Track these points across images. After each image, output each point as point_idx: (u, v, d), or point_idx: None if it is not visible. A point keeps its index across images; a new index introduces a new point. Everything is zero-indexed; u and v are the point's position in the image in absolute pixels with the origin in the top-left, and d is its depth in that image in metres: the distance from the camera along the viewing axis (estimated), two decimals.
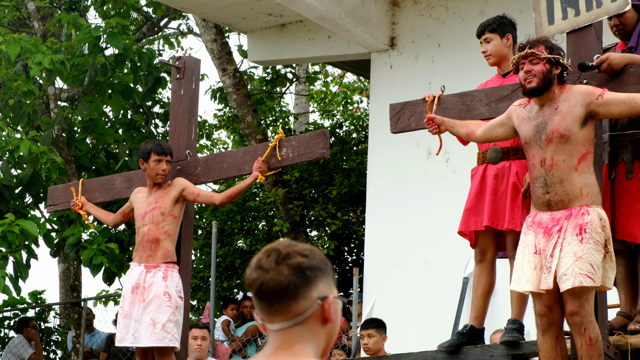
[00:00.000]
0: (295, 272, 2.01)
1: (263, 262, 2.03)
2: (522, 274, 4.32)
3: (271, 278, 2.00)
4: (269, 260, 2.02)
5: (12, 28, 10.66)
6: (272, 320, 2.02)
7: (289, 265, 2.01)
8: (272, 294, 2.00)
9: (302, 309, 2.00)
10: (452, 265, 7.32)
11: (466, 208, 5.00)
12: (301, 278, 2.01)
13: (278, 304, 2.00)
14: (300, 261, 2.02)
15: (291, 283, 2.00)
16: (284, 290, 2.00)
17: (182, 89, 5.88)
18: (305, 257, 2.02)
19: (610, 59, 4.49)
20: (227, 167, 5.62)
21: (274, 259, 2.02)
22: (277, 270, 2.01)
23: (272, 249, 2.04)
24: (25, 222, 8.21)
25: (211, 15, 9.11)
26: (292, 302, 2.00)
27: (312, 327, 2.02)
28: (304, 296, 2.01)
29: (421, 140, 7.63)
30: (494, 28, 5.04)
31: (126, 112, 10.46)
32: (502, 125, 4.58)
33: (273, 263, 2.01)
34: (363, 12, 8.04)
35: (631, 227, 4.59)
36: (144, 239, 5.43)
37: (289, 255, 2.02)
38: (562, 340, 4.35)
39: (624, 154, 4.69)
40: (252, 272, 2.03)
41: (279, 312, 2.01)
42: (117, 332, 5.48)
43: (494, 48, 5.04)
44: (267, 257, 2.03)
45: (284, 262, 2.01)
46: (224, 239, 11.03)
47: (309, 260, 2.03)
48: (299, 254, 2.03)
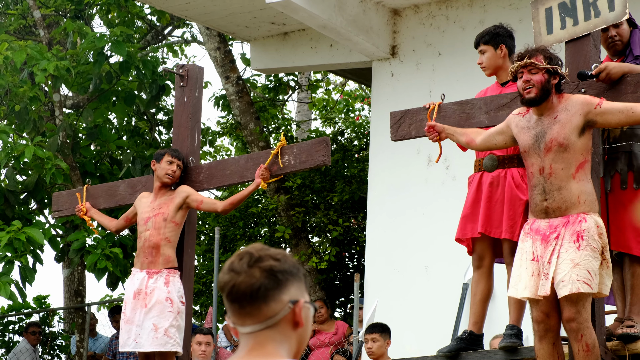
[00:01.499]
0: (267, 275, 2.01)
1: (235, 265, 2.02)
2: (520, 280, 4.35)
3: (242, 280, 2.00)
4: (241, 263, 2.02)
5: (18, 36, 10.73)
6: (244, 322, 2.01)
7: (260, 268, 2.01)
8: (243, 297, 2.00)
9: (273, 312, 2.01)
10: (452, 271, 7.35)
11: (463, 215, 5.05)
12: (272, 281, 2.01)
13: (249, 306, 2.00)
14: (272, 264, 2.02)
15: (262, 286, 2.00)
16: (255, 292, 2.00)
17: (186, 96, 5.91)
18: (277, 261, 2.02)
19: (609, 68, 4.53)
20: (230, 174, 5.64)
21: (246, 261, 2.02)
22: (248, 273, 2.00)
23: (245, 252, 2.04)
24: (31, 230, 8.27)
25: (215, 24, 9.17)
26: (263, 304, 2.00)
27: (283, 330, 2.02)
28: (275, 299, 2.01)
29: (421, 147, 7.67)
30: (487, 40, 5.09)
31: (130, 119, 10.52)
32: (501, 133, 4.61)
33: (245, 266, 2.01)
34: (365, 21, 8.10)
35: (625, 239, 4.62)
36: (145, 244, 5.48)
37: (261, 258, 2.02)
38: (559, 346, 4.38)
39: (618, 165, 4.73)
40: (224, 274, 2.03)
41: (250, 314, 2.01)
42: (120, 338, 5.52)
43: (488, 60, 5.08)
44: (240, 260, 2.03)
45: (256, 265, 2.01)
46: (227, 245, 11.07)
47: (281, 264, 2.03)
48: (271, 257, 2.03)
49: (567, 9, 4.74)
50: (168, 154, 5.59)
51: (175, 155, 5.59)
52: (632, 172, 4.71)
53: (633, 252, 4.66)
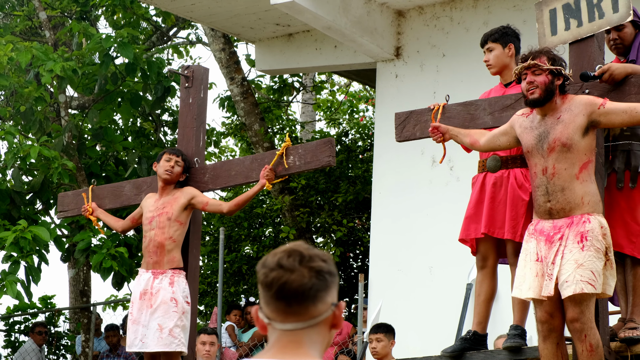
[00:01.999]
0: (317, 275, 1.99)
1: (284, 261, 1.99)
2: (524, 280, 4.36)
3: (295, 279, 1.98)
4: (290, 261, 1.99)
5: (24, 37, 10.76)
6: (285, 320, 1.99)
7: (311, 268, 1.99)
8: (294, 295, 1.98)
9: (318, 313, 1.99)
10: (456, 272, 7.37)
11: (466, 216, 5.06)
12: (322, 282, 2.00)
13: (297, 305, 1.98)
14: (321, 265, 2.00)
15: (314, 286, 1.98)
16: (307, 292, 1.98)
17: (191, 97, 5.92)
18: (324, 262, 2.02)
19: (612, 69, 4.54)
20: (235, 175, 5.64)
21: (296, 259, 1.99)
22: (300, 272, 1.98)
23: (292, 250, 2.01)
24: (37, 229, 8.29)
25: (220, 25, 9.20)
26: (311, 304, 1.99)
27: (321, 331, 2.01)
28: (322, 300, 2.00)
29: (426, 148, 7.69)
30: (497, 38, 5.09)
31: (136, 120, 10.55)
32: (505, 134, 4.63)
33: (296, 264, 1.99)
34: (369, 22, 8.12)
35: (617, 237, 4.62)
36: (150, 244, 5.49)
37: (311, 258, 2.00)
38: (563, 346, 4.39)
39: (615, 164, 4.74)
40: (270, 270, 1.99)
41: (295, 313, 1.99)
42: (127, 338, 5.54)
43: (496, 58, 5.08)
44: (289, 257, 2.00)
45: (307, 264, 1.99)
46: (231, 245, 11.09)
47: (327, 265, 2.02)
48: (320, 258, 2.02)
49: (571, 10, 4.75)
50: (166, 152, 5.64)
51: (173, 152, 5.62)
52: (629, 170, 4.72)
53: (624, 250, 4.67)
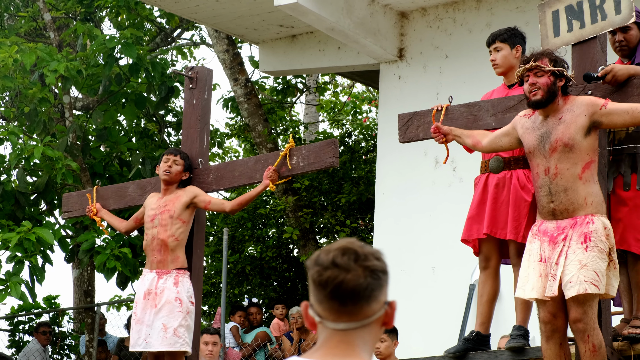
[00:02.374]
0: (372, 274, 1.95)
1: (339, 260, 1.94)
2: (527, 281, 4.37)
3: (351, 278, 1.93)
4: (345, 259, 1.94)
5: (28, 38, 10.79)
6: (338, 319, 1.95)
7: (367, 267, 1.95)
8: (349, 295, 1.93)
9: (372, 312, 1.96)
10: (459, 272, 7.38)
11: (469, 216, 5.07)
12: (376, 281, 1.96)
13: (351, 304, 1.94)
14: (375, 264, 1.96)
15: (369, 286, 1.94)
16: (362, 292, 1.94)
17: (195, 98, 5.92)
18: (378, 260, 1.98)
19: (615, 70, 4.55)
20: (239, 175, 5.64)
21: (351, 258, 1.94)
22: (356, 271, 1.93)
23: (347, 248, 1.96)
24: (41, 230, 8.31)
25: (223, 27, 9.23)
26: (365, 304, 1.94)
27: (373, 330, 1.98)
28: (376, 300, 1.96)
29: (429, 149, 7.71)
30: (505, 38, 5.10)
31: (140, 121, 10.57)
32: (507, 135, 4.64)
33: (351, 263, 1.94)
34: (372, 23, 8.14)
35: (625, 236, 4.65)
36: (153, 242, 5.50)
37: (366, 256, 1.96)
38: (566, 347, 4.39)
39: (622, 167, 4.76)
40: (324, 269, 1.94)
41: (349, 312, 1.94)
42: (131, 338, 5.53)
43: (503, 58, 5.10)
44: (343, 255, 1.95)
45: (362, 263, 1.95)
46: (235, 246, 11.12)
47: (381, 263, 1.98)
48: (374, 256, 1.97)
49: (574, 11, 4.75)
50: (164, 154, 5.67)
51: (170, 152, 5.64)
52: (636, 174, 4.74)
53: (631, 249, 4.68)
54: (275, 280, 11.39)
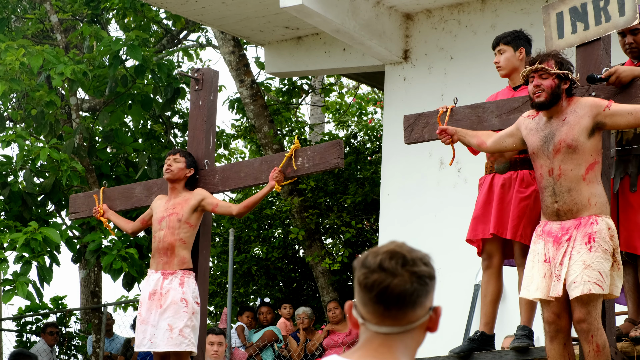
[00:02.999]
0: (419, 280, 1.93)
1: (386, 264, 1.92)
2: (532, 281, 4.38)
3: (397, 284, 1.91)
4: (392, 263, 1.93)
5: (35, 40, 10.84)
6: (382, 323, 1.93)
7: (414, 272, 1.93)
8: (395, 300, 1.92)
9: (416, 318, 1.94)
10: (464, 273, 7.40)
11: (474, 216, 5.09)
12: (423, 287, 1.93)
13: (396, 309, 1.92)
14: (423, 270, 1.94)
15: (415, 292, 1.92)
16: (408, 297, 1.92)
17: (201, 100, 5.92)
18: (426, 265, 1.95)
19: (619, 72, 4.56)
20: (244, 177, 5.65)
21: (399, 263, 1.93)
22: (403, 276, 1.92)
23: (394, 252, 1.94)
24: (48, 230, 8.33)
25: (229, 28, 9.26)
26: (410, 310, 1.93)
27: (416, 335, 1.96)
28: (422, 305, 1.94)
29: (434, 150, 7.73)
30: (509, 41, 5.13)
31: (146, 122, 10.61)
32: (511, 136, 4.65)
33: (399, 267, 1.92)
34: (377, 25, 8.17)
35: (632, 239, 4.65)
36: (160, 244, 5.52)
37: (414, 262, 1.93)
38: (570, 347, 4.40)
39: (629, 168, 4.76)
40: (371, 272, 1.93)
41: (393, 317, 1.93)
42: (136, 338, 5.56)
43: (506, 60, 5.12)
44: (390, 260, 1.93)
45: (410, 268, 1.92)
46: (241, 247, 11.15)
47: (429, 269, 1.96)
48: (422, 261, 1.95)
49: (578, 13, 4.76)
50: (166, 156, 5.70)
51: (170, 152, 5.66)
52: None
53: (638, 252, 4.68)
54: (281, 280, 11.42)
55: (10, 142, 8.85)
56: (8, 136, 8.93)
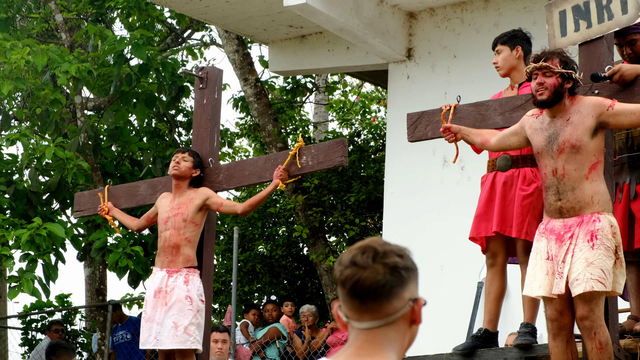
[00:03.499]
0: (392, 271, 1.95)
1: (358, 258, 1.96)
2: (535, 279, 4.39)
3: (367, 276, 1.94)
4: (364, 258, 1.95)
5: (40, 39, 10.88)
6: (361, 318, 1.95)
7: (385, 264, 1.95)
8: (367, 293, 1.94)
9: (394, 310, 1.95)
10: (467, 270, 7.42)
11: (477, 214, 5.12)
12: (397, 278, 1.95)
13: (371, 302, 1.94)
14: (396, 261, 1.96)
15: (387, 283, 1.94)
16: (380, 289, 1.94)
17: (205, 98, 5.95)
18: (400, 257, 1.97)
19: (622, 70, 4.57)
20: (249, 175, 5.67)
21: (370, 256, 1.96)
22: (373, 269, 1.94)
23: (367, 246, 1.97)
24: (52, 225, 8.35)
25: (233, 27, 9.28)
26: (385, 302, 1.95)
27: (399, 328, 1.97)
28: (398, 297, 1.95)
29: (437, 148, 7.75)
30: (505, 40, 5.17)
31: (150, 121, 10.64)
32: (515, 134, 4.66)
33: (370, 261, 1.95)
34: (381, 24, 8.19)
35: None
36: (166, 244, 5.54)
37: (385, 254, 1.96)
38: (572, 344, 4.42)
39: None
40: (345, 268, 1.96)
41: (370, 310, 1.95)
42: (141, 335, 5.57)
43: (503, 60, 5.16)
44: (362, 254, 1.96)
45: (381, 260, 1.95)
46: (245, 244, 11.18)
47: (404, 260, 1.98)
48: (395, 253, 1.97)
49: (581, 11, 4.77)
50: (173, 153, 5.72)
51: (179, 150, 5.68)
52: None
53: None
54: (285, 278, 11.44)
55: (15, 140, 8.87)
56: (13, 135, 8.95)
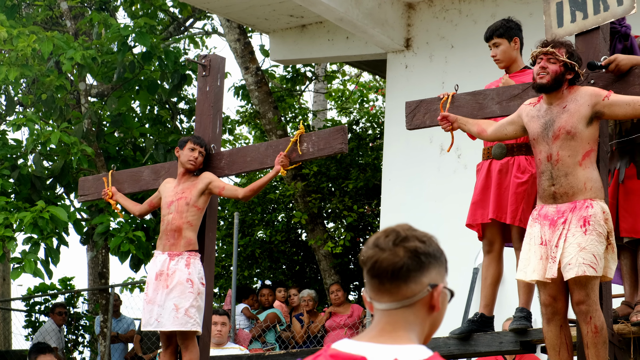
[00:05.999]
0: (411, 255, 2.01)
1: (381, 241, 2.03)
2: (529, 263, 4.43)
3: (386, 258, 2.01)
4: (386, 241, 2.03)
5: (45, 27, 10.93)
6: (381, 299, 2.02)
7: (405, 247, 2.01)
8: (385, 273, 2.00)
9: (411, 293, 2.00)
10: (463, 256, 7.49)
11: (473, 202, 5.17)
12: (415, 262, 2.00)
13: (389, 283, 2.01)
14: (417, 245, 2.01)
15: (405, 265, 2.00)
16: (397, 271, 2.00)
17: (208, 85, 5.92)
18: (422, 243, 2.02)
19: (618, 60, 4.60)
20: (250, 161, 5.68)
21: (392, 239, 2.02)
22: (393, 251, 2.01)
23: (392, 230, 2.04)
24: (54, 209, 8.36)
25: (235, 16, 9.32)
26: (403, 284, 2.00)
27: (418, 312, 2.02)
28: (415, 280, 2.00)
29: (434, 136, 7.82)
30: (502, 33, 5.18)
31: (153, 108, 10.70)
32: (512, 123, 4.69)
33: (390, 244, 2.02)
34: (380, 14, 8.26)
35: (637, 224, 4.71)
36: (168, 227, 5.56)
37: (407, 238, 2.02)
38: (566, 329, 4.46)
39: (637, 156, 4.82)
40: (368, 249, 2.04)
41: (388, 291, 2.01)
42: (142, 317, 5.57)
43: (503, 53, 5.18)
44: (386, 237, 2.03)
45: (402, 244, 2.01)
46: (245, 230, 11.23)
47: (426, 246, 2.02)
48: (417, 238, 2.03)
49: (577, 3, 4.77)
50: (191, 141, 5.66)
51: (198, 143, 5.66)
52: None
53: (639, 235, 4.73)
54: (284, 263, 11.54)
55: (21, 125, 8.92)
56: (19, 120, 9.01)
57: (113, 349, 9.99)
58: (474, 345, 5.06)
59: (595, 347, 4.31)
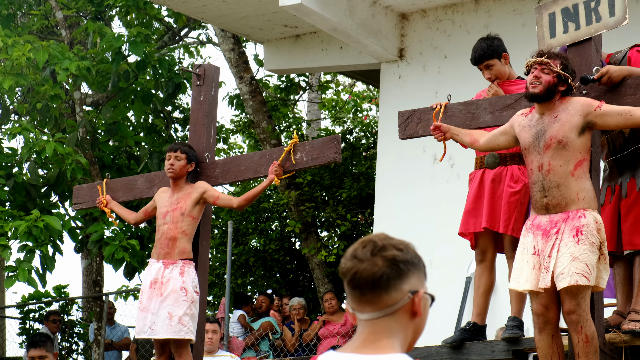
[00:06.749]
0: (389, 264, 2.02)
1: (359, 252, 2.04)
2: (522, 273, 4.45)
3: (365, 268, 2.02)
4: (364, 251, 2.04)
5: (40, 36, 10.95)
6: (363, 309, 2.03)
7: (383, 257, 2.02)
8: (365, 284, 2.01)
9: (392, 301, 2.01)
10: (456, 265, 7.51)
11: (465, 210, 5.19)
12: (394, 270, 2.01)
13: (370, 293, 2.01)
14: (395, 254, 2.02)
15: (384, 274, 2.01)
16: (377, 281, 2.01)
17: (202, 94, 5.93)
18: (400, 251, 2.03)
19: (610, 72, 4.63)
20: (244, 170, 5.70)
21: (369, 250, 2.03)
22: (371, 261, 2.02)
23: (369, 241, 2.05)
24: (49, 218, 8.39)
25: (229, 26, 9.36)
26: (383, 293, 2.01)
27: (400, 320, 2.03)
28: (396, 288, 2.01)
29: (427, 146, 7.85)
30: (490, 55, 5.23)
31: (147, 117, 10.73)
32: (504, 133, 4.71)
33: (368, 254, 2.03)
34: (374, 24, 8.30)
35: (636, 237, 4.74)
36: (163, 236, 5.58)
37: (384, 247, 2.03)
38: (558, 338, 4.47)
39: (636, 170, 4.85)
40: (347, 261, 2.05)
41: (369, 302, 2.02)
42: (136, 325, 5.59)
43: (497, 72, 5.24)
44: (363, 248, 2.04)
45: (379, 253, 2.02)
46: (239, 238, 11.25)
47: (404, 254, 2.03)
48: (394, 247, 2.04)
49: (570, 14, 4.80)
50: (166, 151, 5.71)
51: (170, 149, 5.67)
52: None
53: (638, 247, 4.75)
54: (277, 272, 11.55)
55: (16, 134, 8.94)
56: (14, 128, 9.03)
57: (107, 356, 9.99)
58: (467, 354, 5.07)
59: (587, 357, 4.32)
